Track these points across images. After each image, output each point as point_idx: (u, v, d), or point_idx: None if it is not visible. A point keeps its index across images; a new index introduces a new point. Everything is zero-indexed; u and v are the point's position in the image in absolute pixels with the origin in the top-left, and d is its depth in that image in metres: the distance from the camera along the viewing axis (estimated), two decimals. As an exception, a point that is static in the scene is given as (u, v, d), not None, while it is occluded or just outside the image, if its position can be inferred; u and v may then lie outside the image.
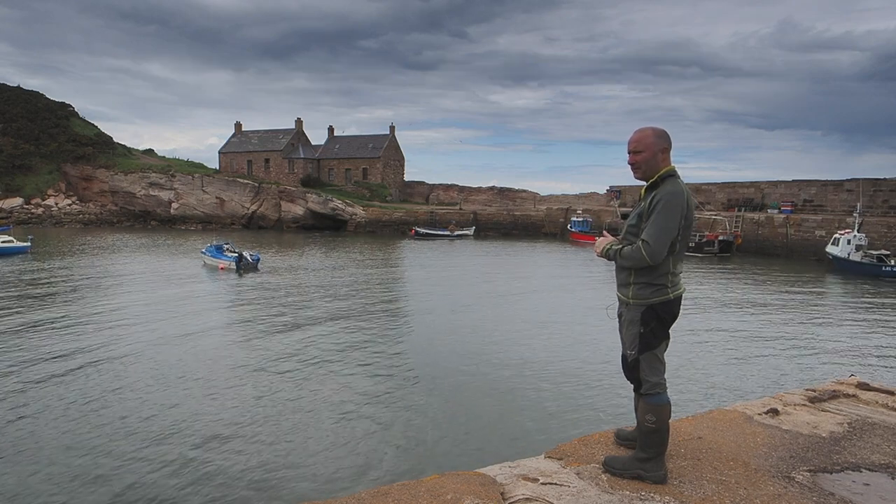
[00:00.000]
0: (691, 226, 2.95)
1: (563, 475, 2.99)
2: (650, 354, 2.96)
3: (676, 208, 2.82)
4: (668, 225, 2.81)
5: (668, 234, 2.82)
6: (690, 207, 2.90)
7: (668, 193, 2.85)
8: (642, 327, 2.94)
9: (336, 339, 16.37)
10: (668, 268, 2.91)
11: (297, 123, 76.63)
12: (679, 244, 2.91)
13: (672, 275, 2.93)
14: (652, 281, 2.91)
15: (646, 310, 2.93)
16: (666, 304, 2.92)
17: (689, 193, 2.92)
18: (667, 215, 2.81)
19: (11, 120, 66.15)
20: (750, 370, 14.04)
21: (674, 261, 2.93)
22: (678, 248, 2.92)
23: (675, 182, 2.90)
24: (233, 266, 29.18)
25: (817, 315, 21.42)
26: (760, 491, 2.86)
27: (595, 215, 56.08)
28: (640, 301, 2.94)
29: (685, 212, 2.85)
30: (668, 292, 2.92)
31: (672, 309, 2.95)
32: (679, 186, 2.88)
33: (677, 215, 2.82)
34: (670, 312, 2.94)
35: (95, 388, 11.98)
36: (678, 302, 2.98)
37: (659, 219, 2.82)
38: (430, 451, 9.45)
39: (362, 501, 2.65)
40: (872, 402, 4.30)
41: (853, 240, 34.13)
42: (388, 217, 60.35)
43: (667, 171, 2.93)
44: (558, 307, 22.13)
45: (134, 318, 18.48)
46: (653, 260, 2.82)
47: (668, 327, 2.98)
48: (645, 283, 2.93)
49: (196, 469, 8.63)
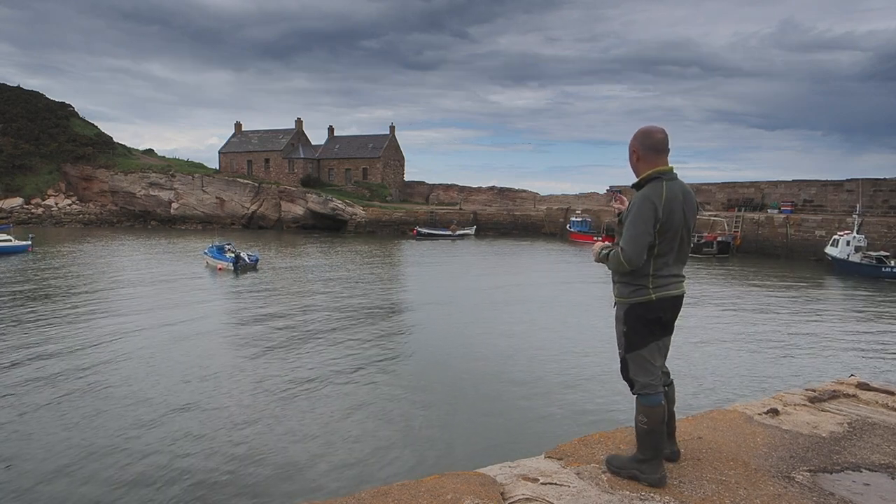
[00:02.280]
0: (682, 228, 2.90)
1: (563, 475, 2.99)
2: (636, 354, 2.95)
3: (647, 212, 2.80)
4: (638, 230, 2.81)
5: (641, 238, 2.81)
6: (674, 211, 2.84)
7: (639, 198, 2.86)
8: (625, 326, 2.97)
9: (336, 339, 16.37)
10: (647, 270, 2.89)
11: (297, 123, 76.62)
12: (660, 248, 2.86)
13: (654, 277, 2.90)
14: (631, 281, 2.93)
15: (628, 309, 2.96)
16: (647, 305, 2.90)
17: (675, 196, 2.85)
18: (635, 220, 2.82)
19: (11, 120, 66.15)
20: (750, 370, 14.04)
21: (656, 264, 2.89)
22: (658, 251, 2.87)
23: (655, 185, 2.86)
24: (230, 267, 29.48)
25: (817, 315, 21.43)
26: (760, 491, 2.86)
27: (595, 215, 56.09)
28: (622, 300, 2.99)
29: (660, 215, 2.80)
30: (649, 293, 2.89)
31: (656, 310, 2.90)
32: (657, 190, 2.84)
33: (648, 219, 2.79)
34: (653, 313, 2.90)
35: (94, 388, 11.97)
36: (665, 304, 2.91)
37: (630, 224, 2.85)
38: (430, 451, 9.45)
39: (362, 501, 2.65)
40: (872, 402, 4.30)
41: (852, 241, 34.09)
42: (388, 217, 60.33)
43: (651, 174, 2.90)
44: (558, 307, 22.12)
45: (133, 318, 18.47)
46: (630, 265, 2.84)
47: (655, 328, 2.93)
48: (625, 282, 2.96)
49: (195, 469, 8.63)
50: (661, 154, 2.94)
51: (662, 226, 2.83)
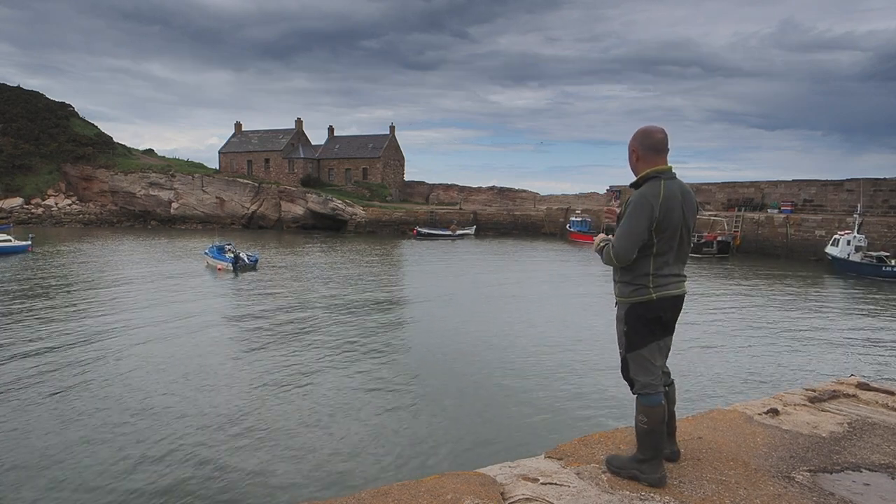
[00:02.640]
0: (682, 227, 2.91)
1: (563, 475, 2.99)
2: (636, 354, 2.96)
3: (642, 211, 2.82)
4: (632, 227, 2.83)
5: (634, 236, 2.83)
6: (672, 209, 2.85)
7: (637, 195, 2.88)
8: (625, 326, 2.98)
9: (335, 339, 16.37)
10: (647, 269, 2.90)
11: (297, 123, 76.63)
12: (659, 247, 2.87)
13: (654, 276, 2.90)
14: (632, 280, 2.95)
15: (628, 308, 2.97)
16: (648, 305, 2.91)
17: (673, 195, 2.86)
18: (630, 218, 2.85)
19: (11, 120, 66.14)
20: (750, 370, 14.04)
21: (656, 263, 2.90)
22: (657, 249, 2.88)
23: (652, 184, 2.88)
24: (230, 267, 29.78)
25: (817, 315, 21.42)
26: (760, 491, 2.86)
27: (594, 215, 56.10)
28: (623, 299, 3.00)
29: (656, 214, 2.81)
30: (650, 293, 2.90)
31: (656, 310, 2.91)
32: (654, 189, 2.85)
33: (643, 218, 2.81)
34: (653, 313, 2.91)
35: (90, 387, 11.98)
36: (666, 304, 2.92)
37: (625, 221, 2.88)
38: (431, 450, 9.45)
39: (362, 501, 2.65)
40: (872, 402, 4.30)
41: (853, 240, 34.09)
42: (388, 217, 60.33)
43: (649, 173, 2.92)
44: (558, 307, 22.12)
45: (132, 318, 18.47)
46: (618, 260, 2.89)
47: (655, 328, 2.94)
48: (626, 281, 2.97)
49: (194, 469, 8.63)
50: (661, 154, 2.96)
51: (660, 224, 2.84)
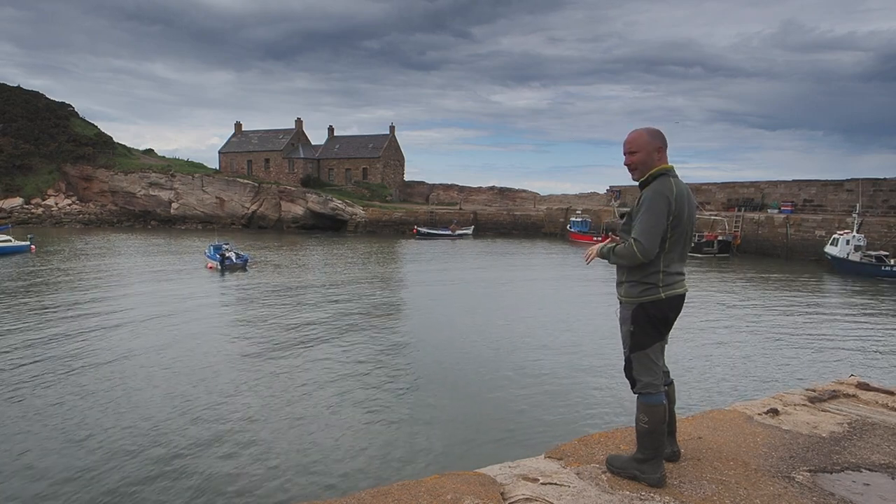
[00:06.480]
0: (687, 225, 2.94)
1: (563, 475, 2.99)
2: (641, 354, 2.96)
3: (661, 204, 2.83)
4: (654, 221, 2.82)
5: (656, 229, 2.82)
6: (683, 206, 2.88)
7: (653, 191, 2.88)
8: (633, 326, 2.97)
9: (334, 338, 16.36)
10: (658, 266, 2.91)
11: (297, 123, 76.66)
12: (670, 242, 2.90)
13: (664, 274, 2.92)
14: (642, 279, 2.93)
15: (636, 308, 2.96)
16: (657, 304, 2.92)
17: (682, 192, 2.90)
18: (651, 212, 2.83)
19: (11, 120, 66.06)
20: (750, 370, 14.04)
21: (666, 260, 2.91)
22: (668, 246, 2.89)
23: (664, 180, 2.90)
24: (218, 266, 30.47)
25: (817, 315, 21.42)
26: (760, 491, 2.86)
27: (595, 215, 56.11)
28: (631, 299, 2.98)
29: (673, 208, 2.84)
30: (659, 292, 2.91)
31: (664, 309, 2.93)
32: (667, 184, 2.88)
33: (663, 211, 2.82)
34: (662, 313, 2.93)
35: (88, 386, 11.97)
36: (673, 303, 2.95)
37: (645, 216, 2.85)
38: (430, 451, 9.45)
39: (362, 501, 2.65)
40: (872, 402, 4.30)
41: (852, 240, 34.12)
42: (388, 217, 60.33)
43: (658, 170, 2.94)
44: (558, 306, 22.12)
45: (129, 317, 18.47)
46: (644, 256, 2.84)
47: (662, 328, 2.96)
48: (636, 281, 2.96)
49: (194, 469, 8.63)
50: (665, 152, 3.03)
51: (675, 219, 2.86)
